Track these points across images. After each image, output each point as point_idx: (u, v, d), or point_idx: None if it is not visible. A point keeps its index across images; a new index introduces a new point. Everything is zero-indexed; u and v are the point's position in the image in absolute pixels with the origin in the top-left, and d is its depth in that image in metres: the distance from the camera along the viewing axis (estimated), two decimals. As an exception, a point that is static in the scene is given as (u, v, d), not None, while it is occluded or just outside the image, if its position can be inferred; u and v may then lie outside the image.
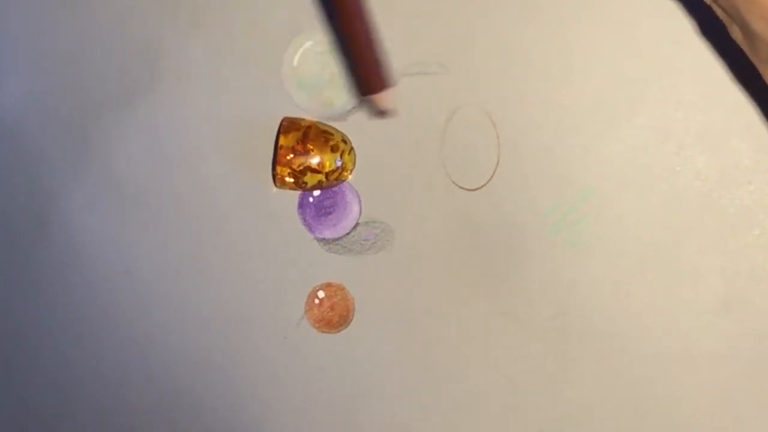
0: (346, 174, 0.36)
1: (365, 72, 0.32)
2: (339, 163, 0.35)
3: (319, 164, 0.35)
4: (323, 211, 0.37)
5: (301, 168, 0.35)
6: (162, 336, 0.39)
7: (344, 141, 0.36)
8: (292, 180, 0.36)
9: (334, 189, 0.36)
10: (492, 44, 0.34)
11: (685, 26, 0.33)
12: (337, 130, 0.36)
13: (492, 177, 0.35)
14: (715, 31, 0.32)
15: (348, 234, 0.36)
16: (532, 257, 0.35)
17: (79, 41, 0.38)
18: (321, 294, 0.37)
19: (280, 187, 0.36)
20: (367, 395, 0.37)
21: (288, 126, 0.36)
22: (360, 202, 0.36)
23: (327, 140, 0.35)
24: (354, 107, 0.36)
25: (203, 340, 0.39)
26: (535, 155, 0.34)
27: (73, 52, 0.38)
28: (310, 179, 0.35)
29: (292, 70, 0.36)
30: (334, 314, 0.37)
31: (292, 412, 0.38)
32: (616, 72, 0.33)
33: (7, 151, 0.40)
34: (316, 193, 0.37)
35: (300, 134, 0.35)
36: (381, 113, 0.34)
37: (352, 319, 0.37)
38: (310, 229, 0.37)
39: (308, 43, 0.36)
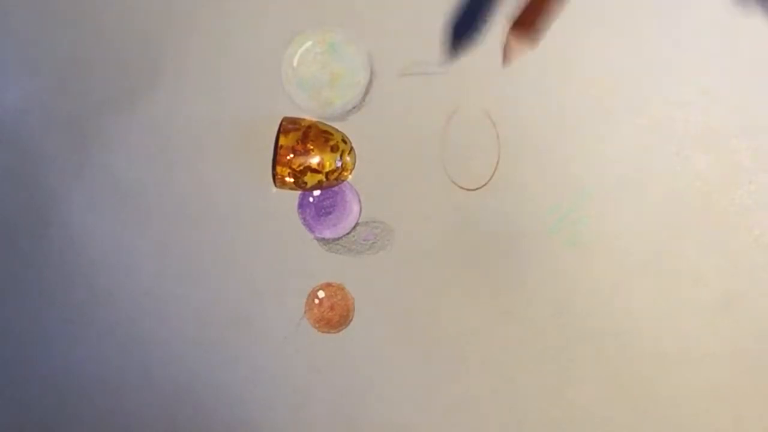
0: (346, 174, 0.36)
1: (525, 13, 0.30)
2: (339, 163, 0.35)
3: (319, 164, 0.35)
4: (323, 211, 0.37)
5: (301, 168, 0.35)
6: (162, 336, 0.39)
7: (344, 141, 0.36)
8: (292, 180, 0.36)
9: (334, 189, 0.36)
10: (492, 44, 0.34)
11: (685, 26, 0.33)
12: (337, 130, 0.36)
13: (492, 177, 0.35)
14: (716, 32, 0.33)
15: (348, 234, 0.36)
16: (532, 257, 0.35)
17: (79, 41, 0.38)
18: (321, 294, 0.37)
19: (280, 187, 0.36)
20: (367, 395, 0.37)
21: (288, 126, 0.36)
22: (360, 202, 0.36)
23: (327, 140, 0.35)
24: (354, 107, 0.36)
25: (203, 340, 0.39)
26: (535, 155, 0.34)
27: (73, 52, 0.38)
28: (310, 179, 0.35)
29: (292, 70, 0.36)
30: (334, 314, 0.37)
31: (292, 412, 0.38)
32: (616, 72, 0.33)
33: (7, 151, 0.40)
34: (316, 193, 0.37)
35: (300, 134, 0.35)
36: (504, 60, 0.32)
37: (352, 319, 0.37)
38: (310, 229, 0.37)
39: (308, 43, 0.36)
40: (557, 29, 0.34)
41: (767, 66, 0.32)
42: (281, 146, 0.35)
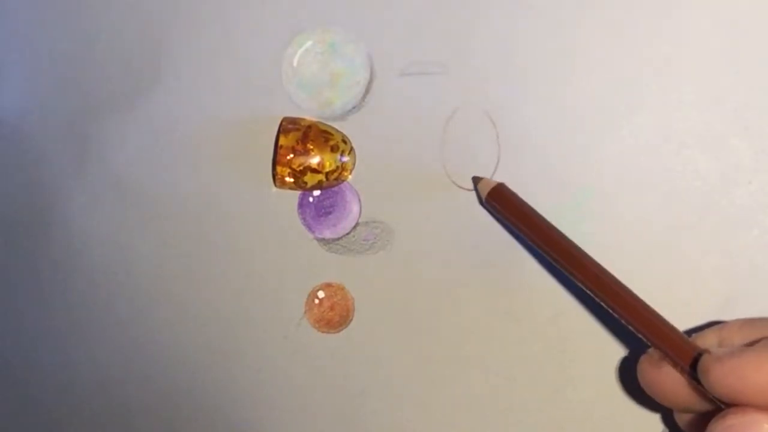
0: (346, 174, 0.36)
1: None
2: (339, 163, 0.35)
3: (319, 164, 0.35)
4: (323, 211, 0.37)
5: (301, 168, 0.35)
6: (162, 336, 0.39)
7: (344, 141, 0.36)
8: (292, 180, 0.36)
9: (333, 189, 0.36)
10: (492, 44, 0.34)
11: (684, 26, 0.33)
12: (337, 130, 0.36)
13: (492, 177, 0.35)
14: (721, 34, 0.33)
15: (348, 234, 0.36)
16: (532, 257, 0.35)
17: (79, 41, 0.38)
18: (321, 294, 0.37)
19: (280, 187, 0.36)
20: (367, 395, 0.37)
21: (288, 126, 0.36)
22: (360, 202, 0.36)
23: (327, 140, 0.35)
24: (354, 107, 0.36)
25: (203, 340, 0.39)
26: (535, 155, 0.34)
27: (73, 52, 0.38)
28: (310, 179, 0.35)
29: (292, 70, 0.36)
30: (334, 314, 0.37)
31: (292, 412, 0.38)
32: (616, 72, 0.33)
33: (7, 151, 0.40)
34: (316, 193, 0.37)
35: (300, 134, 0.35)
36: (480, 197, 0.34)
37: (352, 319, 0.37)
38: (310, 229, 0.37)
39: (308, 43, 0.36)
40: (557, 30, 0.34)
41: (767, 66, 0.32)
42: (281, 146, 0.35)
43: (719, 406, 0.27)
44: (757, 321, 0.29)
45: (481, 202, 0.35)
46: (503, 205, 0.33)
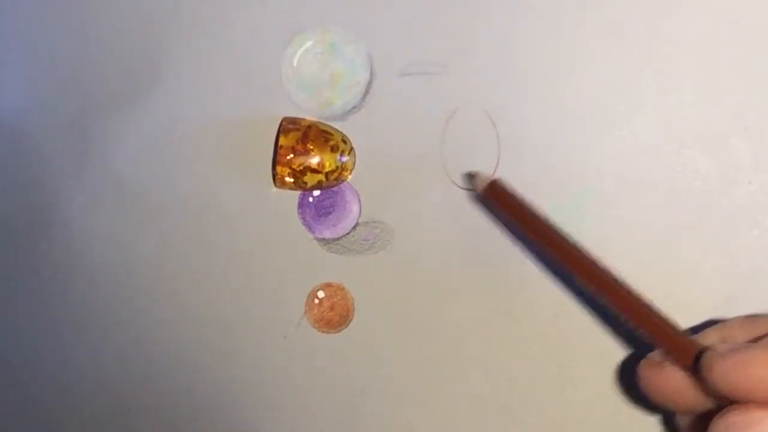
0: (346, 174, 0.36)
1: None
2: (339, 163, 0.35)
3: (319, 164, 0.35)
4: (323, 211, 0.37)
5: (301, 168, 0.35)
6: (162, 336, 0.39)
7: (344, 141, 0.36)
8: (292, 180, 0.36)
9: (333, 189, 0.36)
10: (492, 44, 0.34)
11: (684, 26, 0.33)
12: (337, 130, 0.36)
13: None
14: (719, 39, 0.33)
15: (348, 234, 0.36)
16: (529, 254, 0.35)
17: (79, 41, 0.38)
18: (321, 294, 0.37)
19: (280, 187, 0.36)
20: (367, 395, 0.37)
21: (288, 126, 0.36)
22: (360, 202, 0.36)
23: (327, 140, 0.35)
24: (354, 107, 0.36)
25: (203, 340, 0.39)
26: (535, 155, 0.34)
27: (73, 52, 0.38)
28: (310, 179, 0.35)
29: (292, 70, 0.36)
30: (334, 314, 0.37)
31: (292, 412, 0.38)
32: (616, 72, 0.33)
33: (7, 151, 0.40)
34: (316, 193, 0.37)
35: (300, 134, 0.35)
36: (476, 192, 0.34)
37: (352, 319, 0.37)
38: (310, 229, 0.37)
39: (308, 43, 0.36)
40: (557, 29, 0.34)
41: (767, 66, 0.32)
42: (281, 146, 0.35)
43: (721, 404, 0.27)
44: (758, 318, 0.29)
45: (479, 199, 0.34)
46: (500, 200, 0.32)
